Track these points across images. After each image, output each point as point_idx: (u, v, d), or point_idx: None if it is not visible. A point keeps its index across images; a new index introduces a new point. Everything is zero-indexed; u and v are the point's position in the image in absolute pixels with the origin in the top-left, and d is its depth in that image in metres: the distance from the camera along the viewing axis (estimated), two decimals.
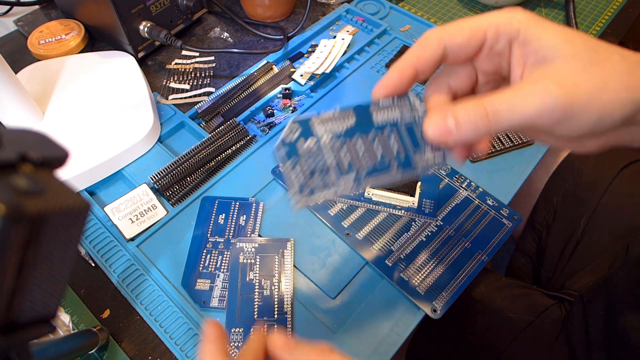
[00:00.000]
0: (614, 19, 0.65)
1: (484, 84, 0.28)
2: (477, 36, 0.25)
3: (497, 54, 0.26)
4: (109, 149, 0.46)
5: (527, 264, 0.58)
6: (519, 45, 0.25)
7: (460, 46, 0.25)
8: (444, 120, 0.24)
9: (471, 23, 0.25)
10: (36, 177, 0.15)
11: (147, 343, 0.38)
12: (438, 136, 0.24)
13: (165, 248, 0.42)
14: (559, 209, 0.54)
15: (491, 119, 0.23)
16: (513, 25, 0.24)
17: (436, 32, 0.25)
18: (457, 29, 0.25)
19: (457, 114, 0.23)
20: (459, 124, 0.23)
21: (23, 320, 0.16)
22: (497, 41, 0.25)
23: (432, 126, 0.24)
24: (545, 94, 0.22)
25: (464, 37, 0.25)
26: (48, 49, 0.57)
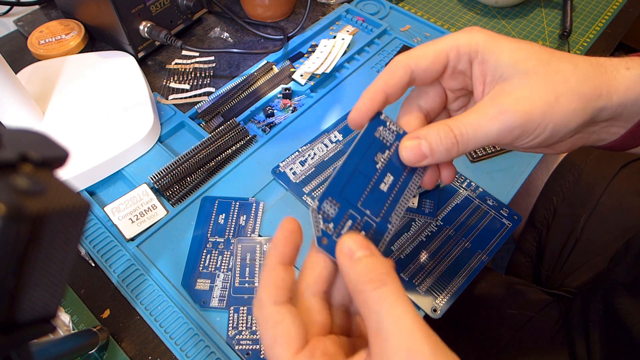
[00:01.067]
0: (614, 19, 0.65)
1: (454, 100, 0.30)
2: (440, 59, 0.27)
3: (460, 73, 0.28)
4: (109, 149, 0.46)
5: (527, 262, 0.58)
6: (478, 64, 0.27)
7: (425, 70, 0.27)
8: (418, 146, 0.26)
9: (434, 47, 0.27)
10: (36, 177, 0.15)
11: (147, 343, 0.38)
12: (414, 160, 0.26)
13: (165, 248, 0.42)
14: (559, 208, 0.54)
15: (459, 142, 0.25)
16: (472, 46, 0.26)
17: (403, 59, 0.27)
18: (422, 54, 0.27)
19: (430, 139, 0.26)
20: (432, 148, 0.26)
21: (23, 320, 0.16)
22: (458, 61, 0.27)
23: (407, 150, 0.26)
24: (503, 116, 0.24)
25: (428, 61, 0.27)
26: (48, 49, 0.57)
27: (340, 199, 0.26)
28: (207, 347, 0.37)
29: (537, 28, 0.63)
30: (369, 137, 0.27)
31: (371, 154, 0.27)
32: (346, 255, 0.23)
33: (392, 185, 0.28)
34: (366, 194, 0.27)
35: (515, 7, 0.66)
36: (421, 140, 0.26)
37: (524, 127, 0.24)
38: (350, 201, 0.26)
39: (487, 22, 0.64)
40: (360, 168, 0.27)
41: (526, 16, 0.65)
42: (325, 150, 0.47)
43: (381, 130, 0.28)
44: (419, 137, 0.26)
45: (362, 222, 0.26)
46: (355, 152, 0.27)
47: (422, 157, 0.26)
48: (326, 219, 0.26)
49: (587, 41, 0.61)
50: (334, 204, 0.26)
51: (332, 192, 0.26)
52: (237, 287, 0.39)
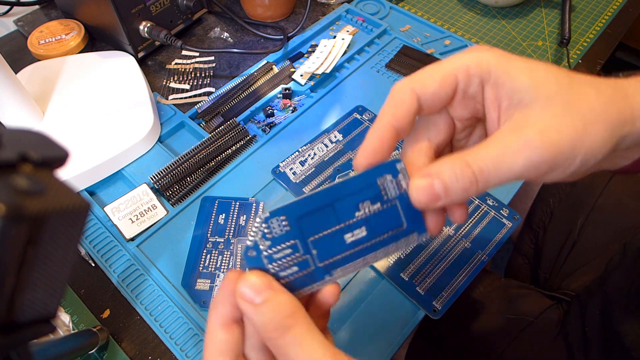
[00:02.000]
0: (614, 19, 0.65)
1: (462, 130, 0.27)
2: (448, 82, 0.24)
3: (470, 97, 0.24)
4: (109, 149, 0.46)
5: (525, 264, 0.58)
6: (491, 87, 0.23)
7: (434, 95, 0.24)
8: (431, 185, 0.22)
9: (441, 69, 0.24)
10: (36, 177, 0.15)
11: (147, 343, 0.38)
12: (426, 202, 0.22)
13: (165, 248, 0.42)
14: (556, 210, 0.54)
15: (479, 180, 0.22)
16: (483, 66, 0.23)
17: (407, 84, 0.24)
18: (427, 77, 0.24)
19: (444, 177, 0.22)
20: (447, 187, 0.22)
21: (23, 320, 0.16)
22: (469, 84, 0.24)
23: (418, 191, 0.22)
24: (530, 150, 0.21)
25: (436, 84, 0.23)
26: (48, 49, 0.57)
27: (295, 224, 0.23)
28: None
29: (537, 28, 0.63)
30: (368, 179, 0.23)
31: (358, 198, 0.23)
32: (246, 302, 0.21)
33: (359, 241, 0.23)
34: (324, 234, 0.23)
35: (515, 7, 0.66)
36: (433, 178, 0.22)
37: (553, 162, 0.21)
38: (303, 232, 0.23)
39: (487, 22, 0.64)
40: (337, 206, 0.23)
41: (526, 16, 0.65)
42: (325, 150, 0.47)
43: (387, 179, 0.24)
44: (431, 174, 0.22)
45: (300, 258, 0.23)
46: (342, 186, 0.23)
47: (435, 198, 0.22)
48: (266, 235, 0.22)
49: (587, 41, 0.61)
50: (284, 226, 0.23)
51: (290, 212, 0.23)
52: None
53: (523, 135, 0.22)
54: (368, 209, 0.23)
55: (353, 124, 0.50)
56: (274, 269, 0.22)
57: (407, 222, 0.24)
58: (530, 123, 0.22)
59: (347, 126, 0.50)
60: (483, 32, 0.63)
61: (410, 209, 0.24)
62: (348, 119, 0.50)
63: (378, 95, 0.53)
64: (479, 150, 0.22)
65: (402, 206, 0.24)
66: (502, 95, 0.23)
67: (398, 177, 0.24)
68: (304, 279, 0.23)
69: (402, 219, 0.24)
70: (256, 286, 0.21)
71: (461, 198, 0.22)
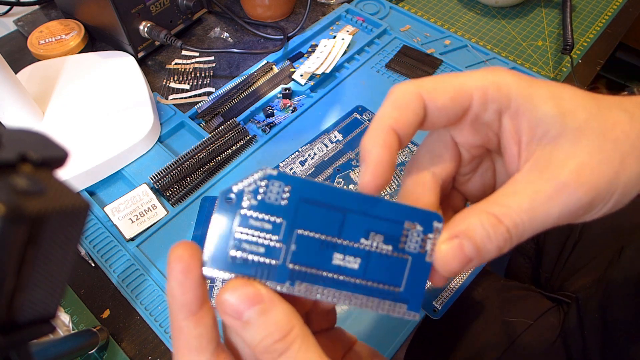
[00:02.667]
0: (614, 19, 0.65)
1: (468, 162, 0.23)
2: (462, 100, 0.20)
3: (484, 124, 0.21)
4: (109, 149, 0.46)
5: (525, 264, 0.58)
6: (510, 117, 0.20)
7: (441, 109, 0.20)
8: (462, 250, 0.19)
9: (455, 82, 0.20)
10: (36, 177, 0.15)
11: (147, 343, 0.38)
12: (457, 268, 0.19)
13: (165, 248, 0.42)
14: None
15: (514, 235, 0.19)
16: (502, 92, 0.20)
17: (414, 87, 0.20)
18: (439, 87, 0.20)
19: (476, 237, 0.19)
20: (479, 248, 0.19)
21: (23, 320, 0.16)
22: (485, 110, 0.20)
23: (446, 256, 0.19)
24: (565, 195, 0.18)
25: (447, 99, 0.20)
26: (48, 49, 0.57)
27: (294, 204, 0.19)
28: None
29: (537, 28, 0.63)
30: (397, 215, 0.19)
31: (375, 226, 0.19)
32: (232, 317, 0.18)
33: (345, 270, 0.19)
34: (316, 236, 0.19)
35: (515, 7, 0.66)
36: (463, 239, 0.19)
37: (590, 205, 0.19)
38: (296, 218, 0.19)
39: (487, 22, 0.64)
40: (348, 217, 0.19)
41: (526, 16, 0.65)
42: (325, 150, 0.47)
43: (417, 229, 0.20)
44: (459, 235, 0.19)
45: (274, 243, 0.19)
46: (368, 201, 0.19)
47: (466, 262, 0.19)
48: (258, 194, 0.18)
49: (587, 41, 0.61)
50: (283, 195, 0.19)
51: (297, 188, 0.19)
52: None
53: (555, 177, 0.19)
54: (377, 244, 0.19)
55: (353, 124, 0.50)
56: (239, 234, 0.19)
57: (405, 289, 0.20)
58: (561, 162, 0.19)
59: (347, 126, 0.50)
60: (483, 32, 0.63)
61: (417, 276, 0.20)
62: (348, 119, 0.50)
63: (378, 95, 0.53)
64: (505, 199, 0.19)
65: (412, 267, 0.20)
66: (523, 127, 0.20)
67: (427, 235, 0.20)
68: (261, 267, 0.19)
69: (402, 280, 0.20)
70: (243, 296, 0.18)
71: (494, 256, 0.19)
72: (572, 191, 0.18)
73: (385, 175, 0.19)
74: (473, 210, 0.19)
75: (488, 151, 0.23)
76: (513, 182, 0.20)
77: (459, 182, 0.24)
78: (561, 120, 0.19)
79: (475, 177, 0.24)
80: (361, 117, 0.50)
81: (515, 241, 0.19)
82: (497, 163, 0.24)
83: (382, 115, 0.20)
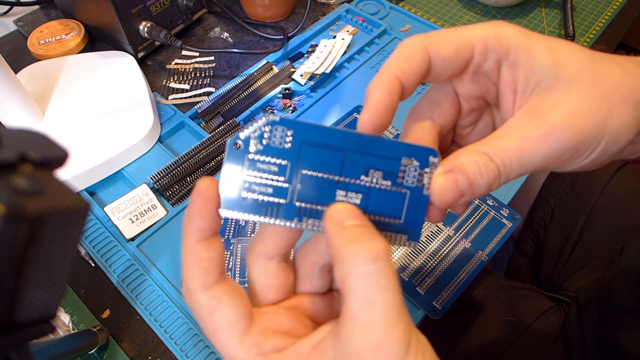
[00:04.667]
0: (614, 18, 0.65)
1: (468, 114, 0.24)
2: (464, 50, 0.21)
3: (484, 74, 0.22)
4: (109, 149, 0.46)
5: (525, 264, 0.58)
6: (508, 67, 0.22)
7: (445, 60, 0.21)
8: (455, 180, 0.20)
9: (458, 34, 0.21)
10: (36, 177, 0.15)
11: (147, 343, 0.38)
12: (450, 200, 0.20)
13: (165, 248, 0.42)
14: (557, 210, 0.54)
15: (502, 175, 0.20)
16: (502, 42, 0.21)
17: (420, 40, 0.21)
18: (443, 39, 0.21)
19: (469, 172, 0.20)
20: (471, 182, 0.20)
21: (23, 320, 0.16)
22: (485, 59, 0.22)
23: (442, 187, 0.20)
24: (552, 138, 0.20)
25: (451, 50, 0.21)
26: (48, 49, 0.57)
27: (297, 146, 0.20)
28: (207, 347, 0.37)
29: (537, 28, 0.63)
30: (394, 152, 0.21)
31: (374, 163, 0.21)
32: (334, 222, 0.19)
33: None
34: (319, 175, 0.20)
35: (515, 7, 0.66)
36: (458, 173, 0.20)
37: (576, 150, 0.20)
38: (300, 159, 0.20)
39: (487, 22, 0.64)
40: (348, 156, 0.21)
41: (526, 16, 0.65)
42: None
43: (413, 164, 0.21)
44: (454, 170, 0.20)
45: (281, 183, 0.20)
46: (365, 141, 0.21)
47: (459, 195, 0.20)
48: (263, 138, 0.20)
49: (587, 41, 0.61)
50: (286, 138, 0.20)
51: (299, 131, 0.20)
52: None
53: (543, 122, 0.20)
54: (377, 180, 0.21)
55: (353, 124, 0.50)
56: (248, 177, 0.20)
57: (405, 220, 0.21)
58: (550, 108, 0.20)
59: (347, 126, 0.50)
60: None
61: (416, 208, 0.21)
62: (348, 119, 0.50)
63: None
64: (496, 141, 0.20)
65: (410, 200, 0.21)
66: (519, 77, 0.21)
67: (424, 170, 0.21)
68: (270, 207, 0.20)
69: (402, 212, 0.21)
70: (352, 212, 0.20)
71: (484, 192, 0.21)
72: (558, 135, 0.20)
73: (383, 116, 0.21)
74: (466, 149, 0.21)
75: (487, 104, 0.24)
76: (505, 127, 0.21)
77: (460, 136, 0.26)
78: (555, 70, 0.20)
79: (475, 132, 0.26)
80: None
81: (503, 179, 0.21)
82: (496, 119, 0.25)
83: (388, 64, 0.21)
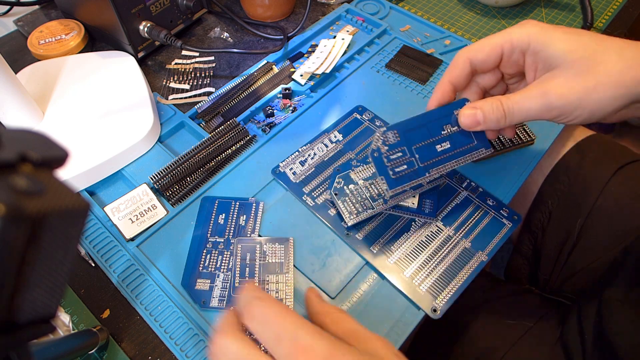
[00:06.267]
0: (614, 18, 0.65)
1: (510, 78, 0.38)
2: (494, 52, 0.34)
3: (514, 62, 0.34)
4: (109, 149, 0.46)
5: (524, 265, 0.58)
6: (530, 55, 0.33)
7: (482, 61, 0.35)
8: (474, 114, 0.34)
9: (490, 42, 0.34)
10: (36, 177, 0.15)
11: (147, 343, 0.38)
12: (470, 124, 0.34)
13: (165, 248, 0.42)
14: (554, 211, 0.54)
15: (507, 115, 0.33)
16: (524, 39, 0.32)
17: (463, 52, 0.35)
18: (479, 48, 0.35)
19: (485, 110, 0.33)
20: (485, 117, 0.33)
21: (23, 320, 0.16)
22: (512, 54, 0.34)
23: (465, 117, 0.34)
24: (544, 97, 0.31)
25: (484, 54, 0.34)
26: (48, 49, 0.57)
27: (403, 136, 0.35)
28: (207, 347, 0.37)
29: None
30: (448, 110, 0.36)
31: (442, 122, 0.36)
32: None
33: (446, 150, 0.36)
34: (422, 144, 0.35)
35: (515, 7, 0.66)
36: (477, 110, 0.34)
37: (562, 109, 0.30)
38: (409, 141, 0.35)
39: (487, 22, 0.64)
40: (429, 126, 0.35)
41: (526, 16, 0.65)
42: (325, 150, 0.47)
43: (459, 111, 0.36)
44: (476, 107, 0.34)
45: (408, 159, 0.35)
46: (432, 114, 0.36)
47: (476, 123, 0.34)
48: (385, 142, 0.35)
49: None
50: (396, 136, 0.35)
51: (399, 128, 0.35)
52: (237, 287, 0.39)
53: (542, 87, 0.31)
54: (449, 129, 0.36)
55: (353, 124, 0.50)
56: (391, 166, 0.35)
57: (477, 141, 0.36)
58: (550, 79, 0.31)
59: (347, 126, 0.50)
60: (483, 32, 0.63)
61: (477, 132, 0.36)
62: (348, 119, 0.50)
63: (378, 95, 0.53)
64: (511, 95, 0.33)
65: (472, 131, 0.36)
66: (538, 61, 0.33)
67: None
68: (412, 174, 0.35)
69: (472, 138, 0.36)
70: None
71: (495, 126, 0.34)
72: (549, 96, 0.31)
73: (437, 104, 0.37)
74: (491, 97, 0.34)
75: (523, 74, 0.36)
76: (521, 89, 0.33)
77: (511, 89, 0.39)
78: (563, 55, 0.30)
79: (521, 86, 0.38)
80: (361, 117, 0.50)
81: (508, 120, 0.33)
82: None
83: (445, 73, 0.37)
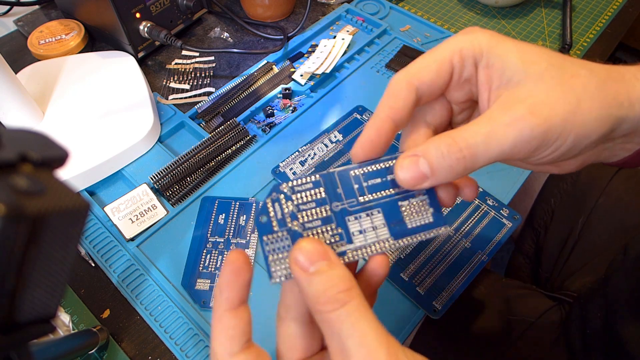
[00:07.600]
0: (614, 18, 0.65)
1: (459, 112, 0.27)
2: (443, 68, 0.24)
3: (466, 80, 0.24)
4: (109, 149, 0.46)
5: (526, 264, 0.58)
6: (483, 68, 0.23)
7: (431, 84, 0.24)
8: (416, 165, 0.22)
9: (435, 56, 0.24)
10: (36, 177, 0.15)
11: (147, 343, 0.38)
12: (412, 182, 0.22)
13: (165, 248, 0.42)
14: (557, 210, 0.54)
15: (467, 158, 0.21)
16: (475, 48, 0.23)
17: (403, 76, 0.24)
18: (423, 66, 0.24)
19: (430, 155, 0.21)
20: (433, 166, 0.21)
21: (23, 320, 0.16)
22: (463, 67, 0.24)
23: (403, 171, 0.22)
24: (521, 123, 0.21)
25: (432, 73, 0.24)
26: (48, 49, 0.57)
27: None
28: (207, 347, 0.37)
29: (537, 28, 0.63)
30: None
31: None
32: (300, 268, 0.20)
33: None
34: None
35: (515, 7, 0.66)
36: (419, 157, 0.22)
37: (544, 137, 0.21)
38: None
39: (487, 22, 0.64)
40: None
41: (526, 16, 0.65)
42: (325, 150, 0.47)
43: None
44: (417, 154, 0.22)
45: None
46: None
47: (421, 179, 0.22)
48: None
49: (587, 41, 0.61)
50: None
51: None
52: None
53: (513, 110, 0.21)
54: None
55: (353, 124, 0.50)
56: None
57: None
58: (521, 99, 0.21)
59: (347, 126, 0.50)
60: None
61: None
62: (348, 119, 0.50)
63: (378, 95, 0.53)
64: (467, 127, 0.22)
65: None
66: (492, 76, 0.23)
67: None
68: None
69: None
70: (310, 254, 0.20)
71: (449, 177, 0.22)
72: (527, 122, 0.21)
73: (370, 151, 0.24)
74: (436, 136, 0.22)
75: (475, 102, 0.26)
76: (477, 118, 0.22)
77: None
78: (524, 67, 0.22)
79: None
80: (361, 117, 0.50)
81: (469, 163, 0.21)
82: None
83: (379, 106, 0.24)
